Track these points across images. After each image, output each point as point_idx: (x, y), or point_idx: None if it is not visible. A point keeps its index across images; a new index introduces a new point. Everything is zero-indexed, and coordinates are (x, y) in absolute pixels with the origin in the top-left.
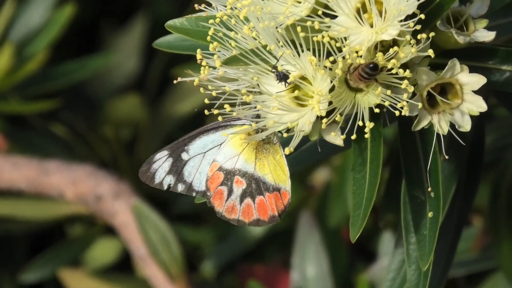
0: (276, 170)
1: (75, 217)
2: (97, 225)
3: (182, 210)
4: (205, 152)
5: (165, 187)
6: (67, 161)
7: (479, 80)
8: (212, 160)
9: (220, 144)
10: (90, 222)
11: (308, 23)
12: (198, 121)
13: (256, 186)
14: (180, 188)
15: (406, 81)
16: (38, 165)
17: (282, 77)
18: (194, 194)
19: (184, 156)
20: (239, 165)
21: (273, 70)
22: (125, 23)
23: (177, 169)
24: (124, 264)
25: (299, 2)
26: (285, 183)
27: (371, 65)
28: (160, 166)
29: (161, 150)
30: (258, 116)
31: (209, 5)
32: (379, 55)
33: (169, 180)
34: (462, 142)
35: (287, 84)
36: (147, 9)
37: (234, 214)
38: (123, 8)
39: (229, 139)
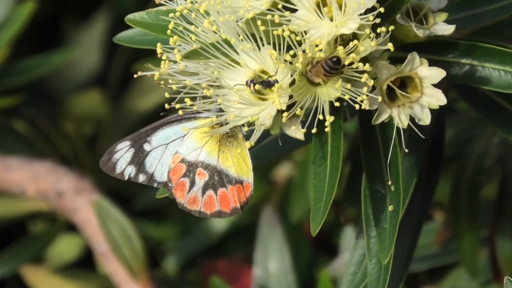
0: (239, 163)
1: (36, 214)
2: (59, 222)
3: (144, 206)
4: (167, 144)
5: (126, 177)
6: (28, 157)
7: (438, 74)
8: (174, 152)
9: (183, 136)
10: (52, 218)
11: (268, 17)
12: (161, 116)
13: (218, 178)
14: (141, 178)
15: (366, 75)
16: (0, 162)
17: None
18: (155, 184)
19: (146, 147)
20: (202, 157)
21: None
22: (87, 18)
23: (138, 159)
24: (86, 261)
25: None
26: (248, 176)
27: (334, 59)
28: (122, 157)
29: (123, 140)
30: (220, 110)
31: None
32: (340, 48)
33: (130, 170)
34: (422, 135)
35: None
36: (109, 4)
37: (196, 205)
38: (85, 3)
39: (192, 131)
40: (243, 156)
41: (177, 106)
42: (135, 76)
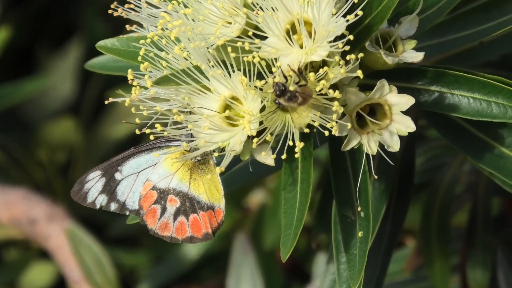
0: (210, 190)
1: (9, 241)
2: (32, 249)
3: (117, 233)
4: (139, 172)
5: (98, 206)
6: (1, 184)
7: (407, 101)
8: (145, 180)
9: (155, 164)
10: (25, 245)
11: (239, 44)
12: (133, 144)
13: (190, 205)
14: (113, 207)
15: (336, 102)
16: None
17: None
18: (127, 212)
19: (118, 176)
20: (173, 185)
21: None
22: (61, 46)
23: (110, 188)
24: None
25: (230, 23)
26: (219, 202)
27: (280, 85)
28: (93, 186)
29: (94, 170)
30: (191, 136)
31: (141, 26)
32: (310, 75)
33: (101, 199)
34: (391, 162)
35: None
36: (83, 33)
37: (167, 231)
38: (59, 31)
39: (164, 159)
40: (214, 182)
41: (147, 131)
42: (106, 102)
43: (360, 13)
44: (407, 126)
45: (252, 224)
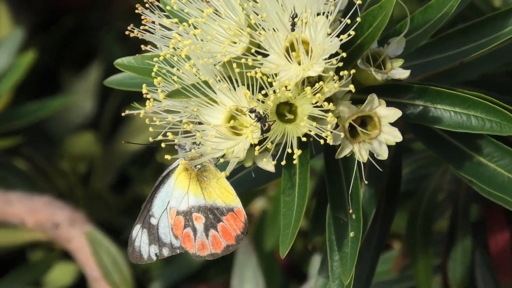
0: (222, 193)
1: (35, 243)
2: (55, 250)
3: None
4: (166, 208)
5: (154, 259)
6: (28, 192)
7: (395, 113)
8: (170, 209)
9: (171, 193)
10: (49, 247)
11: (243, 61)
12: (148, 156)
13: (212, 216)
14: (166, 252)
15: (330, 114)
16: (2, 196)
17: (260, 118)
18: (178, 251)
19: (153, 221)
20: (192, 202)
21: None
22: (82, 68)
23: (154, 236)
24: (80, 286)
25: (235, 42)
26: (235, 202)
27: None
28: (141, 241)
29: (134, 226)
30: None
31: (155, 46)
32: (307, 89)
33: (153, 249)
34: (380, 169)
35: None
36: (102, 56)
37: (206, 250)
38: (80, 54)
39: (174, 182)
40: (223, 185)
41: (159, 138)
42: (123, 114)
43: (352, 33)
44: (395, 136)
45: (254, 228)
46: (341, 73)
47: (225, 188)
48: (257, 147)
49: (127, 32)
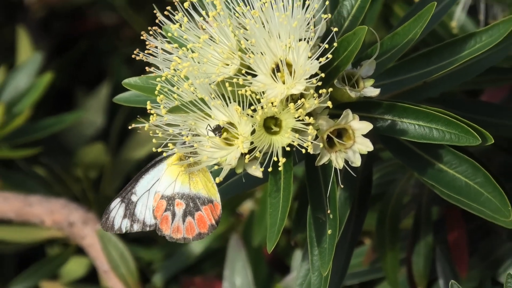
0: (207, 185)
1: (53, 240)
2: (71, 246)
3: (137, 234)
4: (149, 189)
5: (124, 231)
6: (46, 196)
7: (367, 126)
8: (155, 192)
9: (160, 177)
10: (65, 243)
11: (234, 80)
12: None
13: (193, 204)
14: (136, 227)
15: (311, 127)
16: (24, 199)
17: (215, 131)
18: (147, 229)
19: (133, 198)
20: (177, 189)
21: (209, 128)
22: (93, 87)
23: (130, 211)
24: (92, 277)
25: (228, 64)
26: (216, 196)
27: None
28: (117, 213)
29: (114, 198)
30: (195, 153)
31: (158, 68)
32: (291, 105)
33: (125, 223)
34: (354, 174)
35: (218, 134)
36: (111, 77)
37: (180, 233)
38: (92, 75)
39: (165, 169)
40: (208, 178)
41: (160, 149)
42: (129, 127)
43: (330, 56)
44: (367, 146)
45: (244, 227)
46: (320, 91)
47: (209, 181)
48: (247, 156)
49: (133, 56)
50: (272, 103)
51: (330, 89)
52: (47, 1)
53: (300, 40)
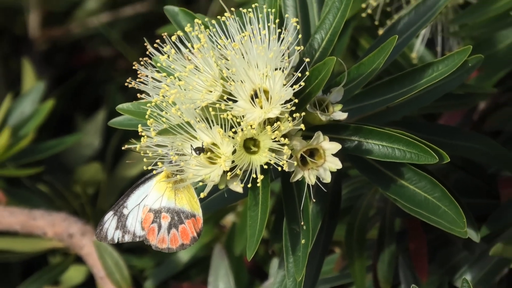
0: (190, 201)
1: (54, 250)
2: (70, 255)
3: (130, 244)
4: (139, 203)
5: (116, 241)
6: (48, 210)
7: (336, 147)
8: (143, 206)
9: (149, 192)
10: (65, 253)
11: (217, 105)
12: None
13: (178, 218)
14: (127, 238)
15: (286, 147)
16: (28, 213)
17: (199, 151)
18: (137, 239)
19: (125, 211)
20: (164, 204)
21: (195, 150)
22: (91, 112)
23: (121, 224)
24: (89, 283)
25: (211, 91)
26: (198, 211)
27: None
28: (110, 225)
29: (107, 211)
30: (181, 171)
31: (148, 94)
32: (268, 128)
33: (118, 234)
34: (324, 190)
35: (199, 152)
36: (107, 103)
37: (165, 243)
38: (90, 102)
39: (154, 185)
40: (192, 195)
41: (150, 168)
42: (123, 148)
43: (303, 84)
44: (336, 164)
45: (226, 237)
46: (294, 115)
47: (192, 197)
48: (228, 173)
49: (126, 84)
50: (251, 126)
51: (303, 113)
52: (50, 35)
53: (276, 69)
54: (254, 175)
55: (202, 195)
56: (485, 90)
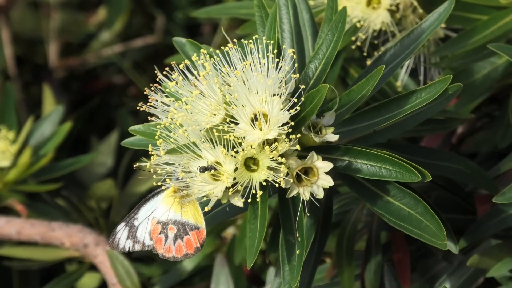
0: (195, 214)
1: (71, 258)
2: (85, 263)
3: (139, 254)
4: (148, 216)
5: (127, 250)
6: (66, 222)
7: (328, 166)
8: (152, 218)
9: (157, 206)
10: (81, 261)
11: (221, 127)
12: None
13: (183, 229)
14: (137, 247)
15: (283, 165)
16: (47, 225)
17: (203, 170)
18: (146, 248)
19: (136, 222)
20: (171, 216)
21: (201, 169)
22: (105, 134)
23: (132, 234)
24: None
25: (215, 114)
26: (202, 224)
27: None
28: (121, 235)
29: (120, 222)
30: (187, 187)
31: (158, 117)
32: (266, 148)
33: (128, 243)
34: (317, 204)
35: (204, 171)
36: (119, 125)
37: (171, 253)
38: (104, 124)
39: (162, 199)
40: (197, 209)
41: (159, 183)
42: (134, 166)
43: (298, 108)
44: (328, 182)
45: (227, 248)
46: (290, 137)
47: (197, 211)
48: (230, 189)
49: (138, 107)
50: (251, 146)
51: (299, 135)
52: (67, 64)
53: (274, 95)
54: (253, 191)
55: (206, 209)
56: (463, 115)
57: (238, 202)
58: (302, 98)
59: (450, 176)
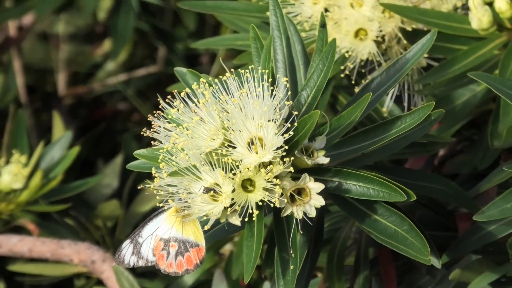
0: (195, 232)
1: (79, 274)
2: (93, 279)
3: (143, 269)
4: (152, 234)
5: (131, 266)
6: (74, 240)
7: (320, 186)
8: (155, 235)
9: (160, 224)
10: (88, 277)
11: (219, 151)
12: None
13: (184, 247)
14: (141, 263)
15: (277, 186)
16: (57, 242)
17: (207, 190)
18: (149, 264)
19: (140, 240)
20: (172, 234)
21: (204, 190)
22: (110, 158)
23: (137, 250)
24: None
25: (214, 139)
26: (202, 241)
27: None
28: (127, 251)
29: (125, 240)
30: (188, 207)
31: (160, 142)
32: (262, 170)
33: (133, 259)
34: (310, 223)
35: (207, 192)
36: (124, 150)
37: (172, 268)
38: (109, 149)
39: (165, 218)
40: (197, 227)
41: (161, 204)
42: (138, 188)
43: (292, 133)
44: (320, 201)
45: (225, 264)
46: (284, 159)
47: (197, 230)
48: (229, 209)
49: (142, 133)
50: (248, 168)
51: (292, 158)
52: (75, 92)
53: (269, 120)
54: (250, 211)
55: (206, 227)
56: (445, 139)
57: (236, 221)
58: (295, 124)
59: (433, 196)
